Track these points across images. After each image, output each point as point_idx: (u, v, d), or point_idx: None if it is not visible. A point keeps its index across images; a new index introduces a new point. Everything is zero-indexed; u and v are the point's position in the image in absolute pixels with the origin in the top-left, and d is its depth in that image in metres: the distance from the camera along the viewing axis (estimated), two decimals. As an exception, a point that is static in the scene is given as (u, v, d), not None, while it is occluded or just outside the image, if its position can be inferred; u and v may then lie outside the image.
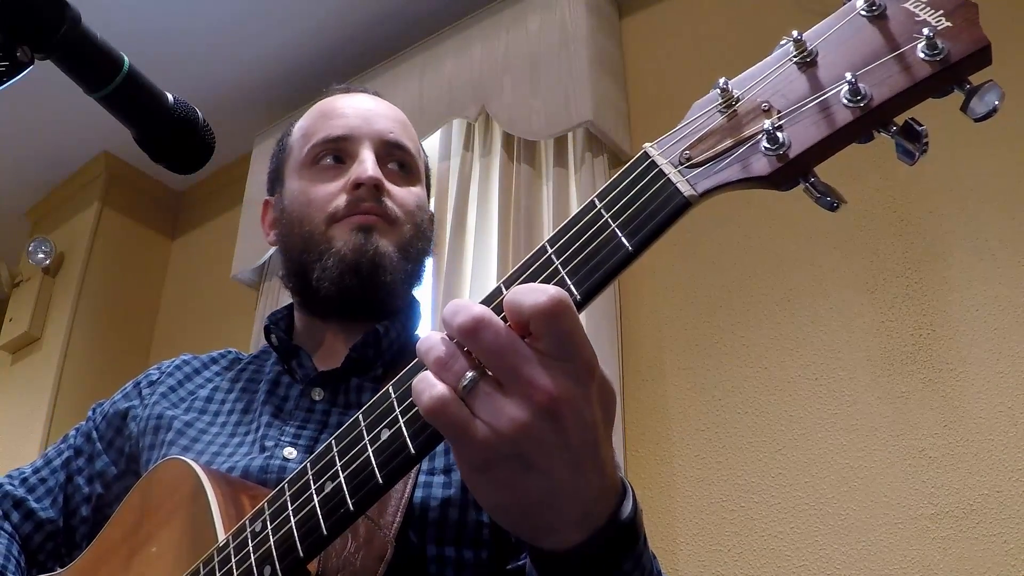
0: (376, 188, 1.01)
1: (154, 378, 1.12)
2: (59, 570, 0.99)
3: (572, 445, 0.55)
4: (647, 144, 0.62)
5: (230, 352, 1.16)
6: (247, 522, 0.72)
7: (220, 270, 3.14)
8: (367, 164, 1.02)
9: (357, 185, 1.01)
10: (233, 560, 0.71)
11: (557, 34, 2.42)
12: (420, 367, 0.60)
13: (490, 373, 0.55)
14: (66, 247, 3.43)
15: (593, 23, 2.43)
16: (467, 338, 0.55)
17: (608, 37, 2.51)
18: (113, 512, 1.00)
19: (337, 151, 1.06)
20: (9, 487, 1.08)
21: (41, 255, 3.35)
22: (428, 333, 0.59)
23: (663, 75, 2.45)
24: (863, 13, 0.58)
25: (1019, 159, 1.77)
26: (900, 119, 0.56)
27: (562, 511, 0.57)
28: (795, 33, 0.60)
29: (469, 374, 0.55)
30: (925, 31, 0.54)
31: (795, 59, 0.60)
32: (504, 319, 0.56)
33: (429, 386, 0.55)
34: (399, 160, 1.08)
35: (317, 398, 0.98)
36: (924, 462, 1.66)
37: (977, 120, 0.54)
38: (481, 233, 2.36)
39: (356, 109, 1.11)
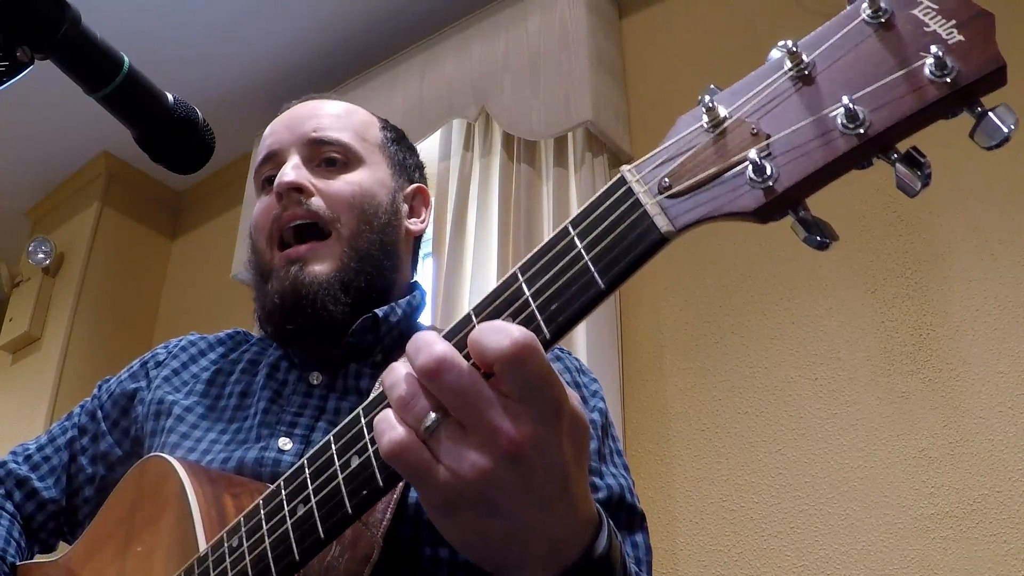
0: (297, 191, 1.00)
1: (161, 358, 1.11)
2: (49, 559, 0.99)
3: (538, 487, 0.54)
4: (625, 168, 0.56)
5: (239, 333, 1.15)
6: (225, 536, 0.71)
7: (220, 270, 3.14)
8: (285, 170, 1.01)
9: (280, 195, 1.00)
10: (213, 573, 0.70)
11: (557, 34, 2.42)
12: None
13: (452, 415, 0.53)
14: (66, 247, 3.43)
15: (593, 23, 2.43)
16: (428, 379, 0.53)
17: (608, 37, 2.51)
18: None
19: (271, 169, 1.06)
20: (13, 464, 1.08)
21: (41, 255, 3.35)
22: (393, 365, 0.57)
23: (663, 75, 2.45)
24: (867, 20, 0.51)
25: (1020, 159, 1.77)
26: (903, 146, 0.50)
27: (529, 550, 0.56)
28: (790, 43, 0.53)
29: (431, 416, 0.53)
30: (934, 48, 0.47)
31: (790, 73, 0.52)
32: (469, 356, 0.54)
33: (389, 427, 0.54)
34: (329, 153, 1.05)
35: (315, 382, 0.98)
36: (924, 462, 1.66)
37: (988, 149, 0.48)
38: (481, 233, 2.35)
39: (284, 120, 1.10)
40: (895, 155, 0.49)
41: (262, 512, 0.67)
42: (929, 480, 1.64)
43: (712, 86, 0.55)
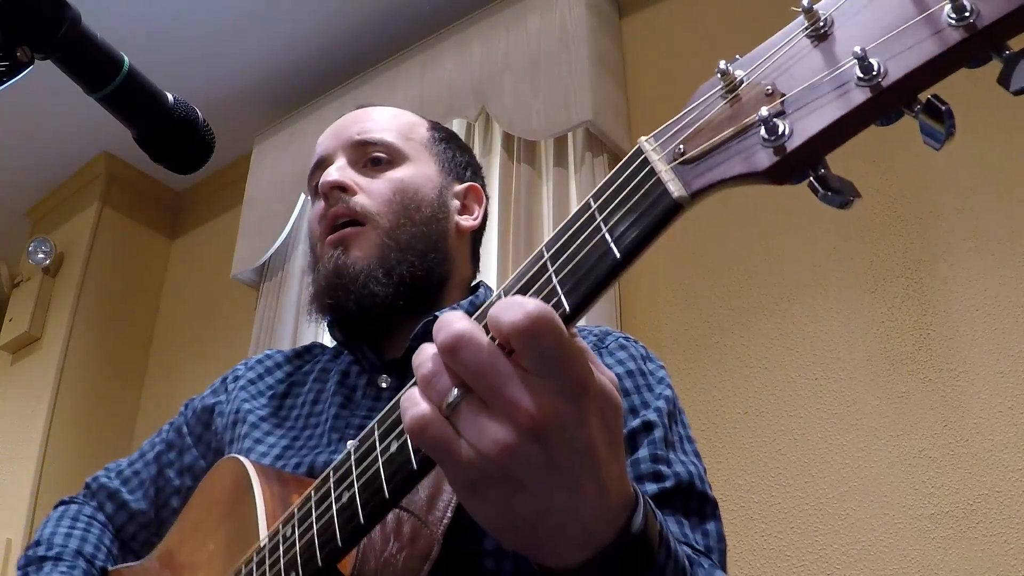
0: (341, 189, 1.04)
1: (239, 373, 1.15)
2: (137, 562, 1.04)
3: (563, 466, 0.53)
4: (643, 138, 0.56)
5: (316, 345, 1.19)
6: (280, 524, 0.73)
7: (220, 270, 3.14)
8: (328, 171, 1.06)
9: (326, 196, 1.04)
10: (267, 562, 0.72)
11: (557, 34, 2.42)
12: None
13: (475, 391, 0.53)
14: (66, 247, 3.43)
15: (593, 23, 2.43)
16: (448, 355, 0.53)
17: (608, 37, 2.51)
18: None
19: (320, 175, 1.09)
20: (105, 479, 1.14)
21: (41, 255, 3.35)
22: (423, 345, 0.56)
23: (663, 75, 2.45)
24: None
25: (1020, 159, 1.77)
26: (924, 96, 0.47)
27: (560, 531, 0.55)
28: (806, 1, 0.50)
29: (454, 392, 0.53)
30: None
31: (807, 32, 0.50)
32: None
33: (412, 404, 0.54)
34: (373, 153, 1.08)
35: (384, 385, 1.00)
36: (924, 462, 1.66)
37: (1016, 93, 0.45)
38: (481, 233, 2.36)
39: (333, 128, 1.14)
40: (917, 106, 0.47)
41: (312, 500, 0.68)
42: (929, 480, 1.64)
43: (737, 56, 0.55)
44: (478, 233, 1.17)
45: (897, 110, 0.48)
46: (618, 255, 0.52)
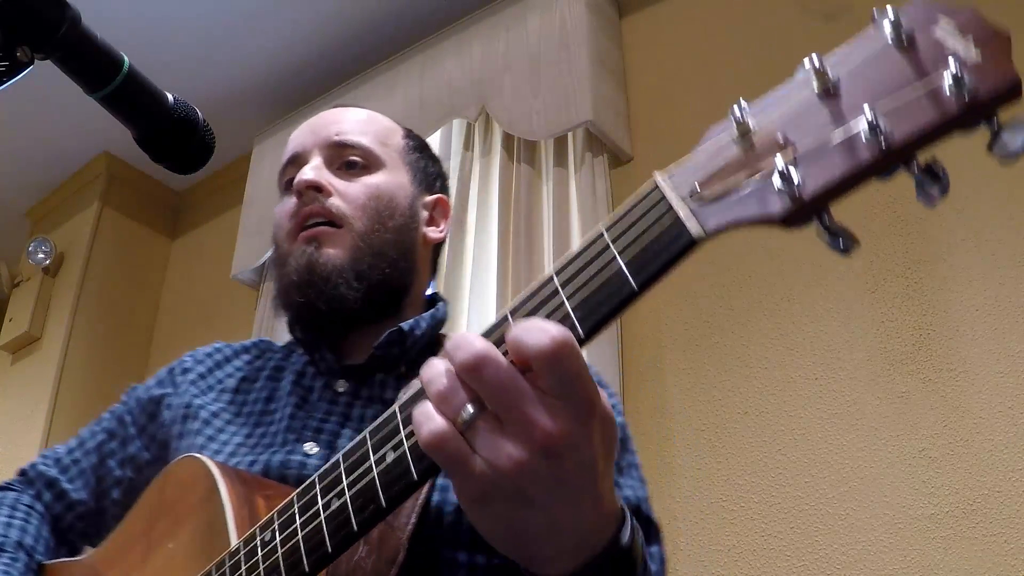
0: (316, 189, 1.03)
1: (187, 365, 1.14)
2: (82, 556, 1.01)
3: (570, 483, 0.55)
4: (658, 173, 0.60)
5: (263, 341, 1.19)
6: (257, 530, 0.72)
7: (220, 270, 3.14)
8: (305, 170, 1.05)
9: (300, 193, 1.04)
10: (243, 567, 0.71)
11: (557, 34, 2.42)
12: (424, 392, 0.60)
13: (490, 408, 0.55)
14: (66, 247, 3.43)
15: (593, 23, 2.43)
16: (468, 374, 0.55)
17: (608, 37, 2.51)
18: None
19: (293, 171, 1.09)
20: (43, 467, 1.11)
21: (41, 255, 3.35)
22: (430, 360, 0.58)
23: (663, 75, 2.45)
24: (890, 40, 0.54)
25: (1019, 160, 1.77)
26: (922, 157, 0.53)
27: (558, 543, 0.58)
28: (816, 60, 0.55)
29: (469, 408, 0.55)
30: (952, 64, 0.50)
31: (815, 88, 0.55)
32: (506, 353, 0.55)
33: (428, 418, 0.55)
34: (349, 156, 1.08)
35: (340, 390, 1.00)
36: (924, 462, 1.66)
37: (1003, 159, 0.51)
38: (481, 233, 2.36)
39: (310, 124, 1.14)
40: (916, 166, 0.52)
41: (296, 506, 0.69)
42: (929, 480, 1.64)
43: (741, 100, 0.58)
44: (440, 245, 1.18)
45: (896, 166, 0.52)
46: (635, 286, 0.56)
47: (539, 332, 0.53)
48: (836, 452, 1.76)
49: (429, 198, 1.15)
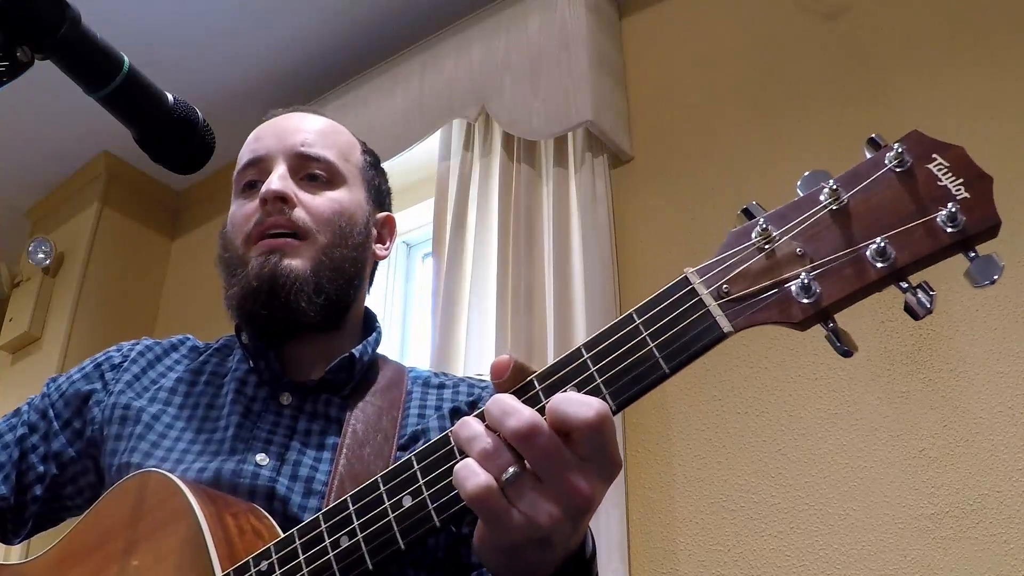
0: (282, 200, 1.03)
1: (116, 361, 1.12)
2: (17, 563, 0.98)
3: (584, 525, 0.65)
4: (688, 269, 0.66)
5: (188, 339, 1.20)
6: (251, 561, 0.74)
7: (220, 270, 3.13)
8: (272, 179, 1.05)
9: (264, 201, 1.03)
10: None
11: (557, 34, 2.42)
12: (446, 445, 0.67)
13: (529, 468, 0.62)
14: (66, 247, 3.43)
15: (593, 23, 2.43)
16: (519, 441, 0.61)
17: (608, 37, 2.51)
18: (66, 500, 1.02)
19: (255, 174, 1.09)
20: None
21: (41, 255, 3.34)
22: (466, 420, 0.65)
23: (663, 75, 2.45)
24: (892, 168, 0.63)
25: (1019, 158, 1.77)
26: (915, 279, 0.62)
27: (551, 563, 0.66)
28: (830, 182, 0.64)
29: (512, 469, 0.61)
30: (949, 204, 0.60)
31: (829, 206, 0.63)
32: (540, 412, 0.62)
33: (474, 474, 0.62)
34: (314, 170, 1.08)
35: (285, 403, 1.01)
36: (924, 462, 1.66)
37: (975, 287, 0.60)
38: (481, 233, 2.35)
39: (273, 128, 1.13)
40: (906, 285, 0.63)
41: (297, 542, 0.72)
42: (929, 480, 1.64)
43: (755, 203, 0.67)
44: (378, 262, 1.20)
45: (892, 283, 0.62)
46: (667, 370, 0.64)
47: (583, 406, 0.61)
48: (836, 452, 1.76)
49: (380, 215, 1.17)
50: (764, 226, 0.65)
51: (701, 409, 1.96)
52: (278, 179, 1.04)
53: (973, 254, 0.61)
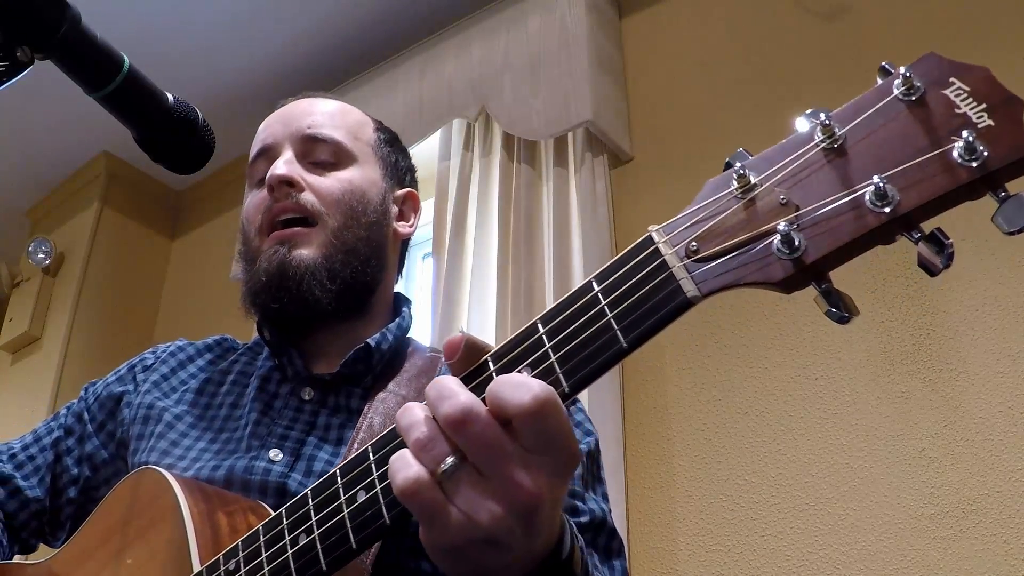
0: (289, 184, 1.01)
1: (149, 363, 1.12)
2: (35, 562, 0.99)
3: (540, 527, 0.57)
4: (652, 227, 0.57)
5: (225, 340, 1.17)
6: (221, 559, 0.72)
7: (220, 270, 3.13)
8: (277, 164, 1.03)
9: (271, 188, 1.02)
10: None
11: (557, 34, 2.42)
12: (399, 435, 0.59)
13: (469, 460, 0.55)
14: (66, 247, 3.42)
15: (593, 23, 2.43)
16: (452, 428, 0.54)
17: (608, 37, 2.51)
18: (98, 502, 1.00)
19: (264, 164, 1.07)
20: None
21: (41, 255, 3.34)
22: (408, 405, 0.58)
23: (663, 75, 2.45)
24: (900, 97, 0.51)
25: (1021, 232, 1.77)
26: (927, 226, 0.51)
27: (512, 569, 0.59)
28: (823, 115, 0.52)
29: (449, 460, 0.54)
30: (965, 132, 0.48)
31: (822, 145, 0.52)
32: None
33: (405, 466, 0.55)
34: (322, 151, 1.07)
35: (307, 398, 0.99)
36: (924, 462, 1.66)
37: (1008, 234, 0.49)
38: (481, 233, 2.35)
39: (279, 116, 1.12)
40: (918, 234, 0.50)
41: (262, 539, 0.68)
42: (929, 480, 1.64)
43: (742, 150, 0.56)
44: (407, 241, 1.17)
45: (900, 233, 0.51)
46: (624, 344, 0.54)
47: (520, 389, 0.53)
48: (836, 452, 1.76)
49: (399, 192, 1.14)
50: (742, 172, 0.54)
51: (701, 409, 1.96)
52: (283, 164, 1.03)
53: (1003, 193, 0.49)
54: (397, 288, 1.17)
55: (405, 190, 1.15)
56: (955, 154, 0.48)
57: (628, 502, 1.94)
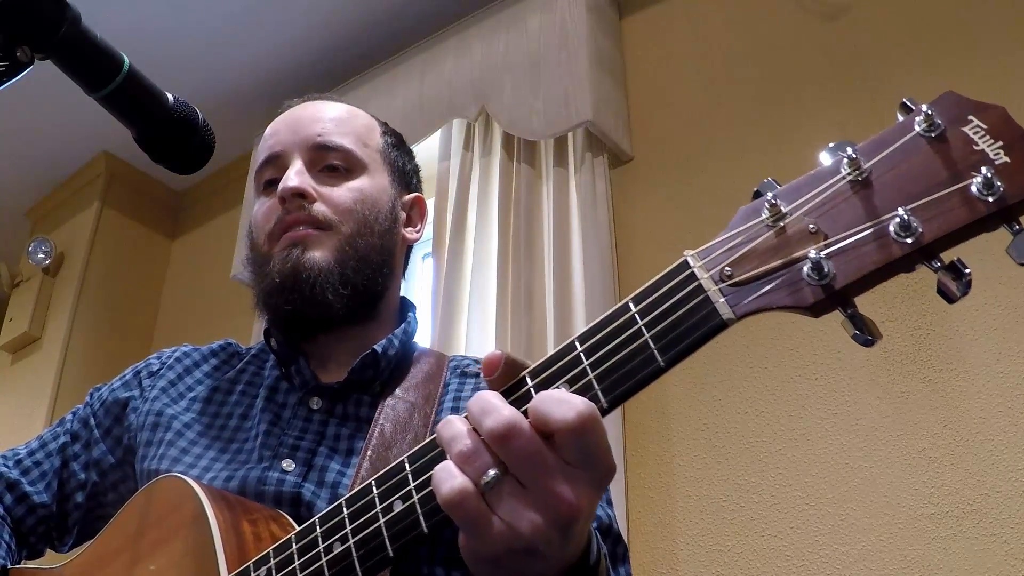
0: (301, 196, 1.01)
1: (155, 368, 1.12)
2: (53, 566, 0.99)
3: (576, 536, 0.59)
4: (688, 252, 0.60)
5: (230, 345, 1.16)
6: (252, 566, 0.73)
7: (220, 270, 3.14)
8: (289, 175, 1.02)
9: (283, 199, 1.02)
10: None
11: (557, 34, 2.42)
12: (438, 446, 0.62)
13: (511, 472, 0.57)
14: (66, 247, 3.43)
15: (593, 23, 2.43)
16: (496, 442, 0.57)
17: (608, 37, 2.51)
18: (108, 507, 1.01)
19: (273, 171, 1.07)
20: (3, 468, 1.07)
21: (41, 255, 3.35)
22: (450, 419, 0.60)
23: (663, 75, 2.45)
24: (922, 133, 0.55)
25: None
26: (946, 255, 0.54)
27: (547, 574, 0.61)
28: (850, 149, 0.56)
29: (492, 472, 0.57)
30: (983, 169, 0.52)
31: (848, 177, 0.56)
32: (526, 414, 0.58)
33: (450, 476, 0.57)
34: (332, 160, 1.06)
35: (315, 407, 0.99)
36: (924, 462, 1.66)
37: (1021, 264, 0.53)
38: (481, 233, 2.35)
39: (287, 122, 1.10)
40: (938, 263, 0.54)
41: (294, 547, 0.70)
42: (929, 480, 1.64)
43: (770, 179, 0.59)
44: (412, 245, 1.17)
45: (920, 262, 0.54)
46: (662, 363, 0.57)
47: (564, 405, 0.56)
48: (836, 452, 1.76)
49: (407, 197, 1.14)
50: (773, 201, 0.57)
51: (701, 409, 1.96)
52: (295, 175, 1.02)
53: (1017, 227, 0.53)
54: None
55: (413, 195, 1.16)
56: (974, 189, 0.52)
57: (628, 502, 1.94)
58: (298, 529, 0.71)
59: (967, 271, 0.54)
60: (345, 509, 0.67)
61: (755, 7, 2.31)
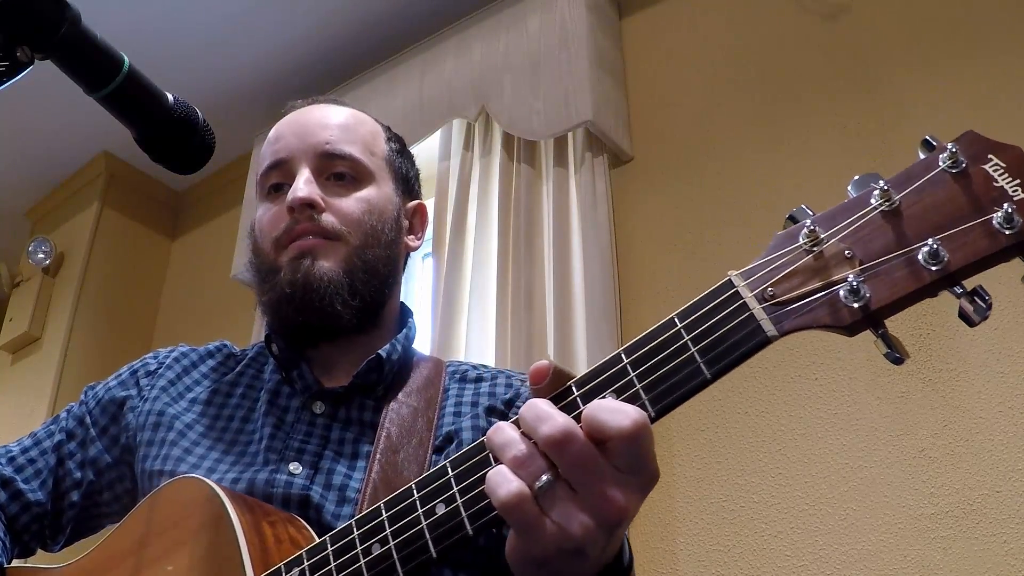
0: (310, 207, 1.01)
1: (152, 368, 1.11)
2: (54, 567, 0.99)
3: (620, 537, 0.63)
4: (732, 272, 0.65)
5: (225, 346, 1.16)
6: (283, 568, 0.74)
7: (220, 270, 3.14)
8: (298, 186, 1.02)
9: (292, 209, 1.01)
10: None
11: (557, 34, 2.42)
12: (480, 451, 0.66)
13: (563, 476, 0.60)
14: (66, 247, 3.43)
15: (593, 23, 2.43)
16: (552, 448, 0.60)
17: (608, 37, 2.51)
18: (103, 507, 1.01)
19: (279, 176, 1.06)
20: None
21: (41, 255, 3.35)
22: (500, 425, 0.63)
23: (663, 75, 2.45)
24: (946, 168, 0.60)
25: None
26: (969, 283, 0.60)
27: (589, 571, 0.64)
28: (881, 182, 0.62)
29: (545, 477, 0.60)
30: (1005, 204, 0.57)
31: (880, 207, 0.61)
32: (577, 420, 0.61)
33: (506, 480, 0.60)
34: (340, 168, 1.06)
35: (318, 412, 0.99)
36: (924, 462, 1.66)
37: None
38: (481, 233, 2.36)
39: (293, 127, 1.09)
40: (961, 290, 0.60)
41: (330, 548, 0.72)
42: (929, 480, 1.64)
43: (803, 206, 0.65)
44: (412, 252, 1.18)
45: (944, 287, 0.60)
46: (708, 375, 0.62)
47: (619, 414, 0.59)
48: (836, 452, 1.76)
49: (410, 205, 1.15)
50: (811, 227, 0.62)
51: (701, 409, 1.96)
52: (304, 184, 1.01)
53: None
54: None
55: (415, 202, 1.16)
56: (995, 222, 0.58)
57: (628, 502, 1.94)
58: (333, 532, 0.73)
59: (988, 298, 0.60)
60: (384, 512, 0.69)
61: (755, 7, 2.31)
